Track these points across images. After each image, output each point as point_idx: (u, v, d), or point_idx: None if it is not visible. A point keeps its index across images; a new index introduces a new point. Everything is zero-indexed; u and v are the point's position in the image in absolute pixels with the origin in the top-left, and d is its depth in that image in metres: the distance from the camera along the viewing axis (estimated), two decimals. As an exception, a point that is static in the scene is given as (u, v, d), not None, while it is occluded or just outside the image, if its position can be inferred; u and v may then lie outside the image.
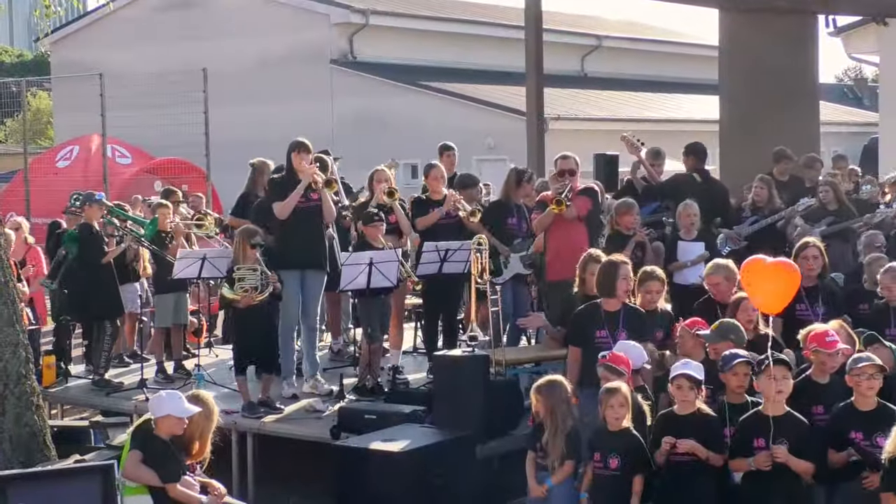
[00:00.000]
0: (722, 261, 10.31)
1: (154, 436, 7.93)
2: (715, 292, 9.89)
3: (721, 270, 9.98)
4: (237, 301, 10.86)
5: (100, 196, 13.27)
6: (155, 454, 7.88)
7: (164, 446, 7.91)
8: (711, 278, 9.98)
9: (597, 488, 8.13)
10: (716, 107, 20.23)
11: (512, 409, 10.23)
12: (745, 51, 18.94)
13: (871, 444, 7.67)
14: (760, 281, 8.27)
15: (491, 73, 32.79)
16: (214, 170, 21.79)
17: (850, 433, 7.78)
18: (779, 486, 7.67)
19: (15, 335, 10.08)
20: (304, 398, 11.48)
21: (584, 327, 9.25)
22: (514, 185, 12.47)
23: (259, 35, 31.70)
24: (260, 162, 13.58)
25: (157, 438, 7.92)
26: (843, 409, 7.91)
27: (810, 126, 19.08)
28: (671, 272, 11.61)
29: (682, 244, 12.09)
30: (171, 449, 7.93)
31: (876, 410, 7.71)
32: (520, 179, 12.48)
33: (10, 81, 27.19)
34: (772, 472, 7.66)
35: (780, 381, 7.71)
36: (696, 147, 13.81)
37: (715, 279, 9.93)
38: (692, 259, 11.89)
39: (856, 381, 7.77)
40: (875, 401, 7.75)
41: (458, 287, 12.33)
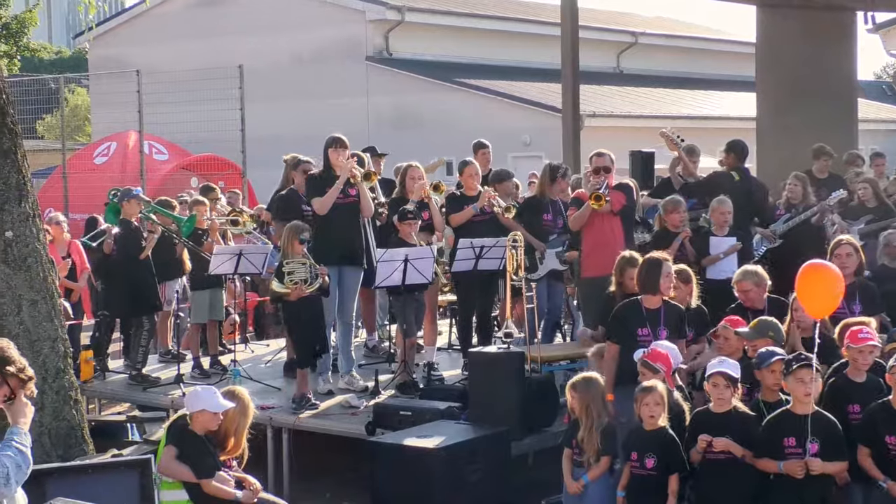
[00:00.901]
0: (751, 267, 10.24)
1: (189, 431, 7.97)
2: (744, 299, 9.82)
3: (750, 276, 9.92)
4: (288, 294, 10.91)
5: (137, 191, 13.32)
6: (189, 450, 7.93)
7: (198, 442, 7.95)
8: (741, 284, 9.91)
9: (634, 488, 8.12)
10: (752, 104, 20.16)
11: (547, 405, 10.23)
12: (783, 47, 18.87)
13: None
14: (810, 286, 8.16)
15: (527, 69, 32.76)
16: (250, 166, 21.86)
17: (885, 436, 7.73)
18: (811, 485, 7.63)
19: (54, 330, 10.16)
20: (340, 394, 11.50)
21: (626, 324, 9.22)
22: (548, 180, 12.48)
23: (295, 31, 31.78)
24: (293, 158, 13.63)
25: (192, 434, 7.96)
26: (878, 407, 7.85)
27: (848, 123, 19.00)
28: (704, 267, 11.60)
29: (714, 239, 12.04)
30: (206, 444, 7.97)
31: None
32: (554, 175, 12.48)
33: (49, 78, 27.35)
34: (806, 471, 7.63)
35: (807, 383, 7.66)
36: (736, 144, 13.70)
37: (745, 286, 9.85)
38: (724, 250, 11.84)
39: (894, 381, 7.73)
40: None
41: (493, 284, 12.34)
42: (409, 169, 12.55)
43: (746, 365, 8.46)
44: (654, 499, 7.97)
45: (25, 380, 5.69)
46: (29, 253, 10.06)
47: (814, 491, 7.64)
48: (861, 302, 9.82)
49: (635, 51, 38.31)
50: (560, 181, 12.52)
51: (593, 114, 27.83)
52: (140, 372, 12.65)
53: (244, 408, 8.27)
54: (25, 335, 9.69)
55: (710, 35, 42.57)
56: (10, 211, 9.98)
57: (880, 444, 7.75)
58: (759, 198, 13.26)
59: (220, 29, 32.56)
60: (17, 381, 5.67)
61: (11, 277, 9.95)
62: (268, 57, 30.67)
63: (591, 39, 28.85)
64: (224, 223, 13.66)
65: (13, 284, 9.96)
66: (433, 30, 33.30)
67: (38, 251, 10.17)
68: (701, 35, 42.14)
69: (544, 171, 12.61)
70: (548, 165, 12.75)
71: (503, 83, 31.33)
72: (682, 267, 10.10)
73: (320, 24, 31.96)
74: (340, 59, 31.62)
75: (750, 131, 19.66)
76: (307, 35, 31.78)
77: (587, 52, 20.75)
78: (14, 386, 5.66)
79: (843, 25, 19.34)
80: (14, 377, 5.66)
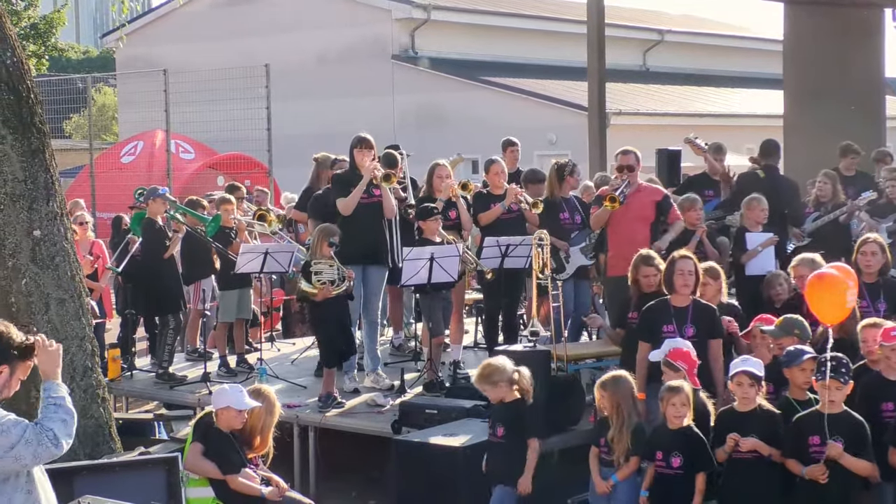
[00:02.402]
0: (808, 254, 10.20)
1: (214, 428, 8.01)
2: (802, 286, 9.76)
3: (808, 263, 9.91)
4: (315, 294, 10.95)
5: (164, 191, 13.35)
6: (215, 446, 7.97)
7: (224, 438, 7.99)
8: (799, 269, 9.91)
9: (659, 487, 8.10)
10: (780, 101, 20.11)
11: (573, 404, 10.21)
12: (810, 44, 18.82)
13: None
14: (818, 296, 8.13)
15: (552, 68, 32.74)
16: (276, 165, 21.92)
17: None
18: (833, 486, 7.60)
19: (81, 329, 10.21)
20: (366, 392, 11.52)
21: (653, 322, 9.25)
22: (556, 180, 12.41)
23: (320, 30, 31.86)
24: (323, 156, 13.70)
25: (218, 431, 8.00)
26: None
27: (876, 120, 18.93)
28: (743, 264, 11.59)
29: (749, 235, 11.99)
30: (232, 441, 8.01)
31: None
32: (562, 173, 12.40)
33: (76, 77, 27.49)
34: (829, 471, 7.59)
35: (832, 391, 7.65)
36: (764, 143, 13.68)
37: (801, 271, 9.84)
38: (762, 243, 11.81)
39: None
40: None
41: (519, 282, 12.33)
42: (436, 168, 12.53)
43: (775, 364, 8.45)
44: (681, 498, 7.95)
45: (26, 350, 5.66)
46: (57, 252, 10.11)
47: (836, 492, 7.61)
48: (886, 300, 9.78)
49: (661, 48, 38.23)
50: (568, 179, 12.45)
51: (619, 112, 27.80)
52: (167, 370, 12.69)
53: (270, 406, 8.30)
54: (53, 334, 9.71)
55: (737, 32, 42.44)
56: (38, 210, 10.03)
57: None
58: (788, 196, 13.17)
59: (247, 28, 32.66)
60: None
61: (40, 276, 10.00)
62: (294, 56, 30.75)
63: (617, 37, 28.83)
64: (251, 223, 13.70)
65: (41, 283, 10.01)
66: (459, 28, 33.31)
67: (66, 250, 10.22)
68: (727, 32, 42.02)
69: (551, 171, 12.53)
70: (555, 164, 12.61)
71: (529, 81, 31.32)
72: (711, 264, 10.06)
73: (346, 22, 32.03)
74: (366, 57, 31.68)
75: (777, 129, 19.61)
76: (333, 34, 31.84)
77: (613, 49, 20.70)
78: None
79: (870, 22, 19.28)
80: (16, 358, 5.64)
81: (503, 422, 8.62)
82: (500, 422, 8.64)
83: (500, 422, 8.64)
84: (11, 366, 5.55)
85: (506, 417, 8.61)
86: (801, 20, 19.19)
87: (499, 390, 8.61)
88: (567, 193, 12.46)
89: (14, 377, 5.59)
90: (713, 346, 9.17)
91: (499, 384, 8.59)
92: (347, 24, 31.99)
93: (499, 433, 8.63)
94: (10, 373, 5.54)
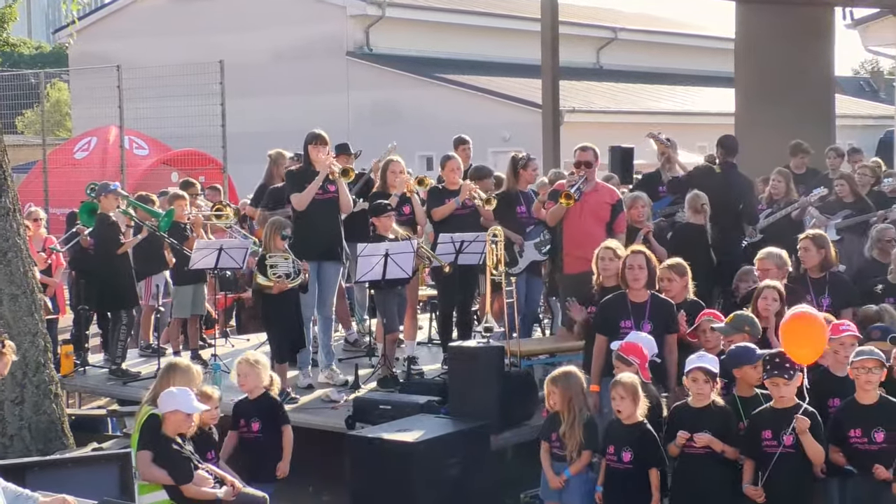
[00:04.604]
0: (775, 249, 10.26)
1: (162, 435, 7.83)
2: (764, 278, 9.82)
3: (774, 258, 9.97)
4: (271, 287, 10.95)
5: (115, 186, 13.31)
6: (165, 455, 7.78)
7: (172, 446, 7.81)
8: (764, 263, 9.96)
9: (610, 481, 8.15)
10: (731, 99, 20.21)
11: (526, 400, 10.25)
12: (761, 43, 18.94)
13: (869, 440, 7.67)
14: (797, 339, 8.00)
15: (507, 65, 32.77)
16: (231, 161, 21.83)
17: (849, 430, 7.78)
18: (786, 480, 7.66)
19: (34, 324, 10.14)
20: (320, 388, 11.51)
21: (611, 317, 9.29)
22: (512, 173, 12.45)
23: (275, 27, 31.72)
24: (277, 153, 13.73)
25: (166, 437, 7.82)
26: (845, 404, 7.91)
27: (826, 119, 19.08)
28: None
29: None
30: (181, 446, 7.84)
31: (877, 405, 7.70)
32: (515, 166, 12.43)
33: (29, 73, 27.26)
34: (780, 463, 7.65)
35: (781, 387, 7.74)
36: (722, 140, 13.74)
37: (766, 264, 9.89)
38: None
39: (856, 375, 7.77)
40: (877, 395, 7.73)
41: (473, 278, 12.34)
42: (389, 163, 12.54)
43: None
44: (632, 493, 7.99)
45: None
46: (9, 248, 10.04)
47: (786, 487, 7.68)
48: (830, 295, 9.87)
49: (615, 46, 38.37)
50: (523, 172, 12.48)
51: (573, 109, 27.85)
52: (119, 366, 12.63)
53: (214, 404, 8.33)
54: (6, 329, 9.62)
55: (690, 31, 42.64)
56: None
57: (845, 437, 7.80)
58: (741, 191, 13.23)
59: (201, 25, 32.47)
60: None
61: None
62: (249, 52, 30.61)
63: (570, 35, 28.89)
64: (209, 216, 13.68)
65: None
66: (413, 25, 33.28)
67: (19, 245, 10.15)
68: (680, 31, 42.20)
69: (508, 165, 12.58)
70: (511, 158, 12.71)
71: (483, 78, 31.33)
72: (678, 260, 10.07)
73: (301, 19, 31.91)
74: (321, 54, 31.58)
75: (728, 127, 19.71)
76: (288, 30, 31.72)
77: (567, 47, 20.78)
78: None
79: (821, 21, 19.43)
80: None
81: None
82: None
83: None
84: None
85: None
86: (753, 19, 19.30)
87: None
88: (524, 187, 12.49)
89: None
90: (668, 341, 9.22)
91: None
92: (302, 21, 31.87)
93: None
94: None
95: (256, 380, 8.86)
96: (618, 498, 8.10)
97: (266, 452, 8.90)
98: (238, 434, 8.92)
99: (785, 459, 7.63)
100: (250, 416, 8.92)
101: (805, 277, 10.04)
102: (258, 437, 8.91)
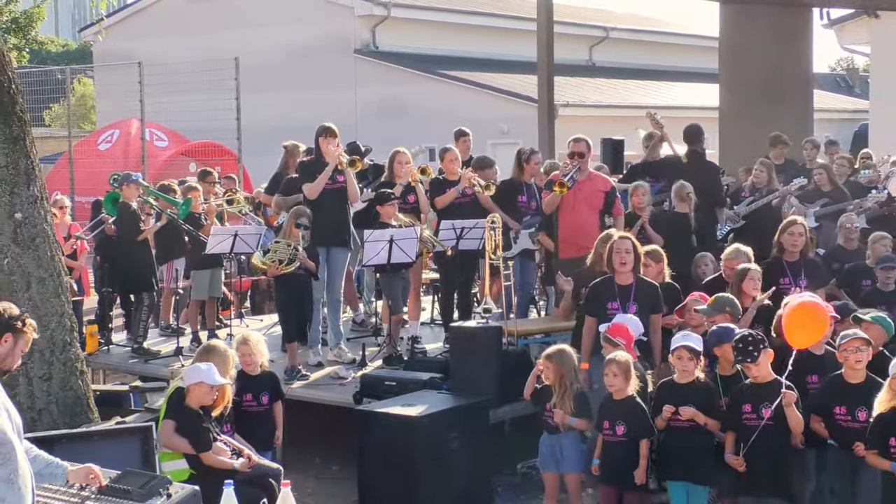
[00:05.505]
0: (743, 247, 10.26)
1: (185, 405, 7.92)
2: (729, 275, 9.83)
3: (742, 256, 9.97)
4: (264, 270, 11.18)
5: (136, 176, 13.36)
6: (187, 423, 7.87)
7: (195, 416, 7.90)
8: (732, 262, 9.95)
9: (607, 454, 8.19)
10: (715, 94, 20.17)
11: (523, 376, 10.20)
12: (744, 41, 18.88)
13: (852, 418, 7.68)
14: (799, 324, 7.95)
15: (505, 62, 32.69)
16: (245, 153, 21.85)
17: (834, 407, 7.78)
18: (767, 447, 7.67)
19: (61, 306, 10.12)
20: (329, 366, 11.53)
21: (598, 299, 9.30)
22: (516, 165, 12.51)
23: (287, 26, 31.65)
24: (292, 144, 13.74)
25: (188, 409, 7.91)
26: (831, 380, 7.91)
27: (804, 113, 19.04)
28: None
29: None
30: (202, 418, 7.93)
31: (864, 384, 7.70)
32: (520, 160, 12.50)
33: (56, 69, 27.21)
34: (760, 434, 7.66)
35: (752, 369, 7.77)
36: (688, 129, 13.79)
37: (734, 263, 9.89)
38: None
39: (844, 356, 7.77)
40: (864, 374, 7.74)
41: (473, 262, 12.35)
42: (396, 154, 12.55)
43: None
44: (625, 462, 8.02)
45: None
46: (37, 233, 10.01)
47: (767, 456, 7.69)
48: (806, 276, 9.90)
49: (606, 45, 38.27)
50: (527, 165, 12.50)
51: (567, 104, 27.80)
52: (141, 345, 12.66)
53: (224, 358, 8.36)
54: (34, 311, 9.63)
55: (677, 30, 42.53)
56: (19, 194, 9.92)
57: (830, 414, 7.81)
58: (708, 178, 13.18)
59: (218, 24, 32.41)
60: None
61: (21, 256, 9.90)
62: (262, 50, 30.55)
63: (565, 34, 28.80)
64: (220, 204, 13.69)
65: (23, 263, 9.91)
66: (417, 24, 33.19)
67: (46, 232, 10.12)
68: (668, 30, 42.10)
69: (514, 158, 12.64)
70: (517, 151, 12.76)
71: (483, 75, 31.27)
72: (654, 247, 10.15)
73: (311, 19, 31.85)
74: (330, 52, 31.51)
75: (713, 120, 19.69)
76: (299, 29, 31.65)
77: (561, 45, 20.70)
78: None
79: (800, 21, 19.37)
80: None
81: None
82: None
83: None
84: (15, 335, 5.52)
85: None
86: (736, 18, 19.24)
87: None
88: (528, 179, 12.52)
89: (17, 348, 5.55)
90: (653, 321, 9.25)
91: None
92: (312, 21, 31.81)
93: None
94: (13, 343, 5.51)
95: (258, 356, 8.91)
96: (613, 468, 8.13)
97: (270, 423, 9.02)
98: (242, 407, 8.90)
99: (764, 431, 7.64)
100: (258, 390, 8.98)
101: (781, 261, 10.04)
102: (265, 410, 8.98)
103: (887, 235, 11.26)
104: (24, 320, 5.58)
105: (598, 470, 8.25)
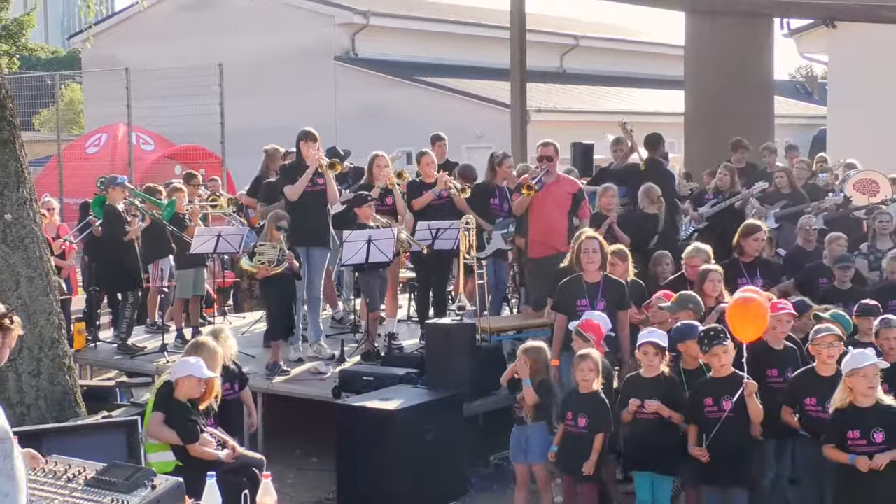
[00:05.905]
0: (702, 245, 10.31)
1: (174, 398, 7.93)
2: (692, 274, 9.88)
3: (702, 254, 10.02)
4: (255, 273, 11.12)
5: (122, 179, 13.33)
6: (176, 416, 7.87)
7: (183, 408, 7.91)
8: (692, 260, 9.99)
9: (567, 443, 8.21)
10: (681, 100, 20.24)
11: (496, 371, 10.22)
12: (708, 50, 18.97)
13: (822, 409, 7.72)
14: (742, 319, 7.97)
15: (479, 69, 32.69)
16: (229, 156, 21.80)
17: (805, 399, 7.83)
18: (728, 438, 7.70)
19: (49, 304, 10.09)
20: (309, 362, 11.52)
21: (567, 297, 9.32)
22: (489, 169, 12.51)
23: (270, 33, 31.57)
24: (272, 148, 13.77)
25: (176, 401, 7.92)
26: (803, 373, 7.95)
27: (766, 118, 19.13)
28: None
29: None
30: (190, 410, 7.94)
31: (834, 377, 7.73)
32: (492, 163, 12.50)
33: (45, 75, 27.10)
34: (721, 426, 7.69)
35: (721, 356, 7.78)
36: (648, 137, 13.92)
37: (695, 261, 9.93)
38: None
39: (817, 351, 7.80)
40: (835, 368, 7.77)
41: (448, 262, 12.36)
42: (375, 158, 12.55)
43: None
44: (583, 453, 8.04)
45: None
46: (26, 234, 9.98)
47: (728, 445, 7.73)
48: (762, 276, 10.00)
49: (577, 52, 38.33)
50: (499, 168, 12.50)
51: (539, 109, 27.83)
52: (125, 342, 12.63)
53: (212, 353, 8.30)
54: (23, 309, 9.61)
55: (644, 38, 42.60)
56: (9, 196, 9.89)
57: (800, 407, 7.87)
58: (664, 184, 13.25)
59: (202, 30, 32.30)
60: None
61: (10, 256, 9.87)
62: (245, 56, 30.44)
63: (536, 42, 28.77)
64: (204, 206, 13.67)
65: (12, 262, 9.88)
66: (395, 32, 33.17)
67: (35, 232, 10.09)
68: (636, 38, 42.17)
69: (487, 162, 12.65)
70: (490, 155, 12.77)
71: (458, 81, 31.27)
72: (619, 246, 10.18)
73: (293, 26, 31.77)
74: (311, 58, 31.46)
75: (678, 125, 19.77)
76: (281, 37, 31.58)
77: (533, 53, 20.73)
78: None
79: (761, 31, 19.46)
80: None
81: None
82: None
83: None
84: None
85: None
86: (701, 27, 19.32)
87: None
88: (501, 182, 12.52)
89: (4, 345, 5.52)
90: (621, 317, 9.28)
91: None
92: (294, 29, 31.73)
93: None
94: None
95: (219, 359, 8.61)
96: (572, 457, 8.14)
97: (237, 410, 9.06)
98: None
99: (725, 423, 7.68)
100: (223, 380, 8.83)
101: (738, 262, 10.14)
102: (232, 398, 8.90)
103: (843, 236, 11.36)
104: (10, 317, 5.55)
105: (555, 457, 8.27)
